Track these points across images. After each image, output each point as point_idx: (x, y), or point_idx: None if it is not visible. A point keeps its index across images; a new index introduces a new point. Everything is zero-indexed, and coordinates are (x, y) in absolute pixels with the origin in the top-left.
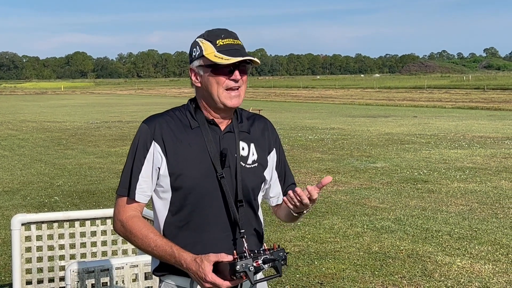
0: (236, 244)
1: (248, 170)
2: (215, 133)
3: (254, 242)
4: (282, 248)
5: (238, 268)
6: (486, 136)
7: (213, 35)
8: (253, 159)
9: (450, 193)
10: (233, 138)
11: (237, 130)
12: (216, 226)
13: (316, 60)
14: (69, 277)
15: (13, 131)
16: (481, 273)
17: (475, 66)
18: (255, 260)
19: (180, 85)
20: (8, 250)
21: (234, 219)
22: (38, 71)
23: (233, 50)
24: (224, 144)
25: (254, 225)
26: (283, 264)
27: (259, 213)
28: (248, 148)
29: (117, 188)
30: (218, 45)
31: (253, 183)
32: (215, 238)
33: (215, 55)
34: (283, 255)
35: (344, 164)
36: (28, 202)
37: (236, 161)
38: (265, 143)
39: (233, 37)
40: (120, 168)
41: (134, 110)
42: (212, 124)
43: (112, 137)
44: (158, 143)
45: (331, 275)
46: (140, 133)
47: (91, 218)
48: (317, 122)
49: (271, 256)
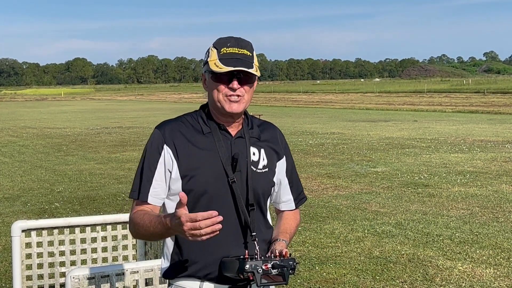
0: (247, 248)
1: (259, 175)
2: (226, 139)
3: (262, 247)
4: (293, 258)
5: (247, 267)
6: (486, 140)
7: (221, 42)
8: (263, 164)
9: (451, 197)
10: (244, 143)
11: (247, 136)
12: (227, 229)
13: (316, 65)
14: (69, 284)
15: (14, 137)
16: (483, 277)
17: (475, 70)
18: (264, 263)
19: (180, 91)
20: (9, 256)
21: (245, 222)
22: (38, 78)
23: (233, 60)
24: (235, 149)
25: (263, 230)
26: (291, 273)
27: (268, 218)
28: (259, 154)
29: (130, 192)
30: (221, 53)
31: (264, 188)
32: (226, 241)
33: (215, 63)
34: (293, 264)
35: (345, 169)
36: (28, 208)
37: (247, 166)
38: (275, 150)
39: (240, 46)
40: (120, 173)
41: (134, 115)
42: (223, 130)
43: (113, 143)
44: (169, 147)
45: (332, 280)
46: (153, 138)
47: (91, 224)
48: (317, 127)
49: (281, 262)
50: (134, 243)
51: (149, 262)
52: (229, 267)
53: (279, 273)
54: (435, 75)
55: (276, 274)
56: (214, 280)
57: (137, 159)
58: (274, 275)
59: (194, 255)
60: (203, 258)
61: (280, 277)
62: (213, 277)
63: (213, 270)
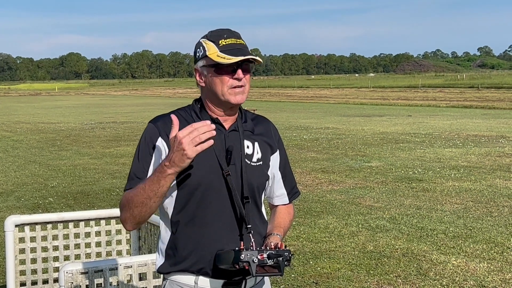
0: (243, 240)
1: (253, 168)
2: (220, 132)
3: (257, 240)
4: (289, 249)
5: (242, 257)
6: (480, 135)
7: (216, 35)
8: (257, 157)
9: (445, 192)
10: (238, 136)
11: (241, 129)
12: (221, 222)
13: (311, 60)
14: (63, 279)
15: (7, 132)
16: (476, 271)
17: (469, 65)
18: (260, 253)
19: (174, 86)
20: (2, 251)
21: (240, 215)
22: (32, 73)
23: (235, 50)
24: (229, 142)
25: (258, 223)
26: (286, 264)
27: (263, 211)
28: (253, 147)
29: (126, 185)
30: (220, 45)
31: (258, 181)
32: (221, 234)
33: (217, 55)
34: (288, 255)
35: (339, 164)
36: (22, 203)
37: (241, 159)
38: (269, 143)
39: (235, 36)
40: (114, 168)
41: (128, 110)
42: (217, 123)
43: (107, 138)
44: (164, 139)
45: (326, 275)
46: (147, 131)
47: (85, 219)
48: (311, 122)
49: (276, 253)
50: (128, 238)
51: (143, 257)
52: (224, 259)
53: (275, 264)
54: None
55: (272, 265)
56: (209, 275)
57: (132, 154)
58: (269, 267)
59: (189, 249)
60: (198, 253)
61: (275, 269)
62: (208, 272)
63: (208, 265)
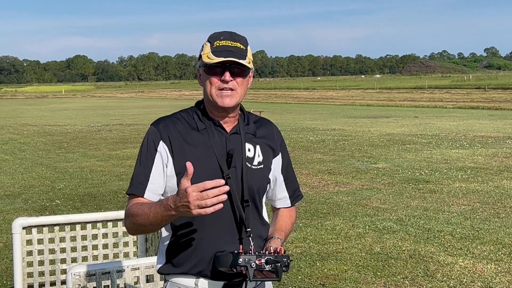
0: (242, 243)
1: (254, 171)
2: (221, 135)
3: (257, 244)
4: (288, 255)
5: (240, 261)
6: (487, 136)
7: (214, 36)
8: (258, 160)
9: (452, 193)
10: (239, 139)
11: (243, 132)
12: (221, 225)
13: (317, 61)
14: (70, 281)
15: (14, 135)
16: (484, 273)
17: (476, 66)
18: (258, 258)
19: (180, 88)
20: (10, 254)
21: (240, 218)
22: (39, 75)
23: (225, 52)
24: (230, 145)
25: (258, 226)
26: (284, 270)
27: (264, 215)
28: (254, 150)
29: (128, 188)
30: (214, 45)
31: (259, 184)
32: (220, 237)
33: (207, 56)
34: (287, 261)
35: (346, 165)
36: (29, 205)
37: (242, 162)
38: (271, 146)
39: (233, 39)
40: (121, 170)
41: (135, 113)
42: (218, 126)
43: (113, 140)
44: (165, 143)
45: (333, 276)
46: (148, 135)
47: (92, 221)
48: (318, 123)
49: (275, 258)
50: (135, 240)
51: (150, 259)
52: (223, 261)
53: (273, 269)
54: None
55: (269, 270)
56: (209, 277)
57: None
58: (267, 271)
59: (189, 252)
60: (198, 255)
61: (273, 274)
62: (208, 274)
63: (208, 267)
